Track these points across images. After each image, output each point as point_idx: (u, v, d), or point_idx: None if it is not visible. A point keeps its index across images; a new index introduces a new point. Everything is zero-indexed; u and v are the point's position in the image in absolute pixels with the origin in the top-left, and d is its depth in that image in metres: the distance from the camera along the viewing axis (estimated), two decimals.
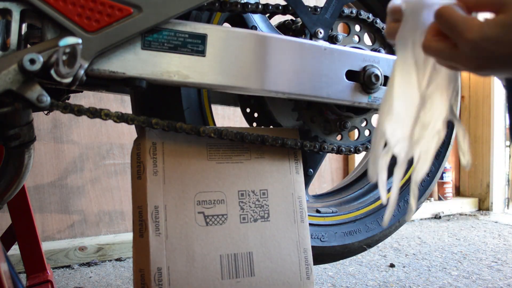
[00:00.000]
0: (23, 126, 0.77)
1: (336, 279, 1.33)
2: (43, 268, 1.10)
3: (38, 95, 0.64)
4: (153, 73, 0.73)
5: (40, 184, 1.59)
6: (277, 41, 0.83)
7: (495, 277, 1.32)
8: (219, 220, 0.82)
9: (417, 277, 1.34)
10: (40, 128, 1.58)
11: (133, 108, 0.91)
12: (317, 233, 0.97)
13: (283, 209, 0.87)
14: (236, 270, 0.81)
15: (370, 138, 1.03)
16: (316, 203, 1.08)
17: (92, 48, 0.67)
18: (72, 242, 1.57)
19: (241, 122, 1.83)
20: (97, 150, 1.67)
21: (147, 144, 0.80)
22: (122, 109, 1.67)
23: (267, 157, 0.89)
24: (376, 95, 0.92)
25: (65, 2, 0.65)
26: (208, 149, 0.85)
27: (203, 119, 0.89)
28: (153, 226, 0.77)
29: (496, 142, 2.40)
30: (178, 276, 0.77)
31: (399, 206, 1.07)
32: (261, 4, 0.87)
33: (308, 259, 0.87)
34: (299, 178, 0.90)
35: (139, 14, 0.69)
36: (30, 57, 0.61)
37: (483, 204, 2.43)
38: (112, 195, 1.70)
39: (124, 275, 1.42)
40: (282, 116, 0.98)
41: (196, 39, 0.76)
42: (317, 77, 0.85)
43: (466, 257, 1.54)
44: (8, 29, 0.65)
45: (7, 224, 1.12)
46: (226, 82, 0.79)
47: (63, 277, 1.41)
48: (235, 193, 0.85)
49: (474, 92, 2.48)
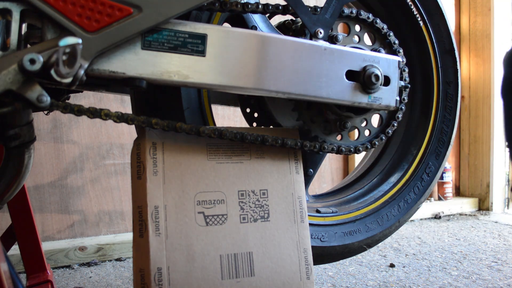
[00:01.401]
0: (23, 126, 0.77)
1: (336, 279, 1.33)
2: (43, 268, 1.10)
3: (38, 95, 0.64)
4: (153, 73, 0.73)
5: (40, 184, 1.59)
6: (277, 41, 0.82)
7: (495, 277, 1.32)
8: (219, 220, 0.82)
9: (417, 277, 1.34)
10: (40, 128, 1.58)
11: (133, 108, 0.91)
12: (317, 233, 0.97)
13: (283, 209, 0.87)
14: (236, 270, 0.81)
15: (370, 138, 1.03)
16: (316, 203, 1.08)
17: (92, 48, 0.67)
18: (72, 242, 1.57)
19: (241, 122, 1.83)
20: (97, 150, 1.67)
21: (147, 144, 0.80)
22: (122, 109, 1.67)
23: (267, 157, 0.89)
24: (376, 95, 0.92)
25: (65, 2, 0.65)
26: (208, 149, 0.85)
27: (203, 119, 0.89)
28: (153, 226, 0.77)
29: (496, 142, 2.40)
30: (178, 276, 0.77)
31: (399, 206, 1.07)
32: (261, 4, 0.87)
33: (308, 259, 0.87)
34: (299, 178, 0.90)
35: (139, 14, 0.69)
36: (30, 57, 0.61)
37: (483, 204, 2.43)
38: (112, 195, 1.70)
39: (124, 275, 1.42)
40: (282, 116, 0.98)
41: (196, 39, 0.76)
42: (317, 77, 0.85)
43: (466, 257, 1.54)
44: (8, 29, 0.65)
45: (7, 224, 1.12)
46: (226, 82, 0.79)
47: (63, 277, 1.41)
48: (235, 193, 0.85)
49: (474, 92, 2.48)
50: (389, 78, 0.94)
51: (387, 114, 1.05)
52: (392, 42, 1.01)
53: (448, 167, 2.41)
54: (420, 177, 1.10)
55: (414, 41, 1.10)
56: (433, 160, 1.11)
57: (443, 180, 2.39)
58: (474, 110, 2.48)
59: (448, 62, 1.10)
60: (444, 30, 1.09)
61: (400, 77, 0.96)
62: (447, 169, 2.40)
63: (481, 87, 2.44)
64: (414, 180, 1.09)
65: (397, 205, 1.07)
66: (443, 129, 1.11)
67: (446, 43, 1.10)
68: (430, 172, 1.10)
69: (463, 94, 2.50)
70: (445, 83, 1.11)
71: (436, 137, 1.11)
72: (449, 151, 1.12)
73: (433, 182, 1.11)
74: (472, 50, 2.48)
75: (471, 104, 2.49)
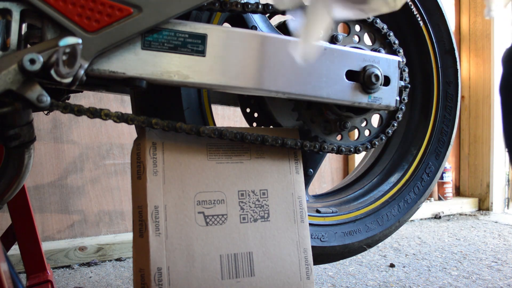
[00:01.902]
0: (23, 126, 0.77)
1: (336, 279, 1.33)
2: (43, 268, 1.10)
3: (38, 95, 0.64)
4: (153, 73, 0.73)
5: (40, 184, 1.59)
6: (277, 41, 0.83)
7: (495, 277, 1.32)
8: (219, 220, 0.82)
9: (417, 277, 1.34)
10: (40, 128, 1.58)
11: (133, 108, 0.91)
12: (317, 233, 0.97)
13: (283, 209, 0.87)
14: (236, 270, 0.81)
15: (370, 138, 1.03)
16: (316, 203, 1.08)
17: (92, 48, 0.67)
18: (72, 242, 1.57)
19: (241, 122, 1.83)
20: (97, 150, 1.67)
21: (147, 144, 0.80)
22: (122, 109, 1.67)
23: (267, 157, 0.89)
24: (376, 95, 0.92)
25: (65, 2, 0.65)
26: (208, 149, 0.85)
27: (203, 119, 0.89)
28: (153, 226, 0.77)
29: (496, 142, 2.40)
30: (178, 276, 0.77)
31: (399, 206, 1.07)
32: (261, 4, 0.87)
33: (308, 259, 0.87)
34: (299, 178, 0.90)
35: (139, 14, 0.69)
36: (30, 57, 0.61)
37: (483, 204, 2.43)
38: (112, 195, 1.70)
39: (124, 275, 1.42)
40: (282, 116, 0.98)
41: (196, 39, 0.76)
42: (317, 77, 0.85)
43: (466, 257, 1.54)
44: (8, 29, 0.65)
45: (7, 224, 1.12)
46: (226, 82, 0.79)
47: (63, 277, 1.41)
48: (235, 193, 0.85)
49: (474, 92, 2.48)
50: (389, 78, 0.94)
51: (387, 114, 1.05)
52: (392, 42, 1.01)
53: (448, 167, 2.41)
54: (420, 177, 1.10)
55: (414, 41, 1.10)
56: (433, 160, 1.11)
57: (443, 180, 2.39)
58: (474, 110, 2.47)
59: (448, 62, 1.11)
60: (444, 30, 1.09)
61: (400, 77, 0.96)
62: (447, 169, 2.40)
63: (481, 87, 2.44)
64: (414, 180, 1.09)
65: (397, 205, 1.07)
66: (443, 129, 1.11)
67: (446, 43, 1.10)
68: (430, 172, 1.10)
69: (463, 94, 2.50)
70: (445, 83, 1.11)
71: (436, 137, 1.11)
72: (449, 151, 1.12)
73: (433, 182, 1.11)
74: (472, 50, 2.49)
75: (471, 104, 2.49)
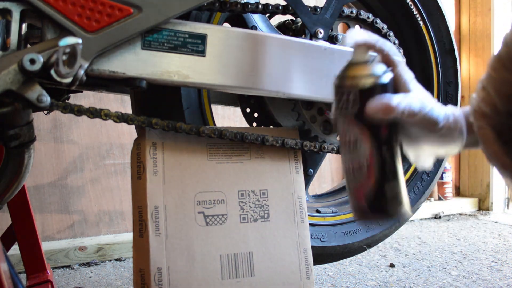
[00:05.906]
0: (23, 126, 0.77)
1: (336, 279, 1.33)
2: (43, 268, 1.10)
3: (38, 95, 0.64)
4: (153, 73, 0.73)
5: (40, 184, 1.59)
6: (277, 41, 0.82)
7: (495, 277, 1.32)
8: (219, 220, 0.82)
9: (417, 277, 1.34)
10: (40, 128, 1.58)
11: (133, 108, 0.91)
12: (317, 233, 0.97)
13: (283, 209, 0.87)
14: (236, 270, 0.81)
15: None
16: (316, 203, 1.08)
17: (92, 48, 0.67)
18: (72, 242, 1.57)
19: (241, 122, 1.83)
20: (97, 150, 1.67)
21: (147, 144, 0.80)
22: (122, 109, 1.67)
23: (267, 157, 0.89)
24: None
25: (65, 2, 0.65)
26: (208, 149, 0.85)
27: (203, 119, 0.89)
28: (153, 226, 0.77)
29: None
30: (178, 276, 0.77)
31: None
32: (261, 4, 0.87)
33: (308, 259, 0.87)
34: (299, 178, 0.90)
35: (139, 14, 0.69)
36: (30, 57, 0.61)
37: (483, 204, 2.43)
38: (112, 195, 1.70)
39: (124, 275, 1.42)
40: (282, 116, 0.98)
41: (196, 39, 0.76)
42: (317, 77, 0.85)
43: (466, 257, 1.54)
44: (8, 29, 0.64)
45: (7, 224, 1.12)
46: (226, 82, 0.79)
47: (63, 277, 1.41)
48: (235, 193, 0.85)
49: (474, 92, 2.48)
50: None
51: None
52: (392, 42, 1.01)
53: (448, 167, 2.41)
54: (420, 177, 1.10)
55: (414, 41, 1.10)
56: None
57: (443, 180, 2.39)
58: None
59: (448, 62, 1.10)
60: (444, 30, 1.09)
61: None
62: (447, 169, 2.39)
63: None
64: (414, 180, 1.09)
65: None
66: None
67: (446, 43, 1.10)
68: (430, 172, 1.10)
69: (463, 94, 2.50)
70: (445, 83, 1.11)
71: None
72: None
73: (433, 182, 1.11)
74: (472, 50, 2.49)
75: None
